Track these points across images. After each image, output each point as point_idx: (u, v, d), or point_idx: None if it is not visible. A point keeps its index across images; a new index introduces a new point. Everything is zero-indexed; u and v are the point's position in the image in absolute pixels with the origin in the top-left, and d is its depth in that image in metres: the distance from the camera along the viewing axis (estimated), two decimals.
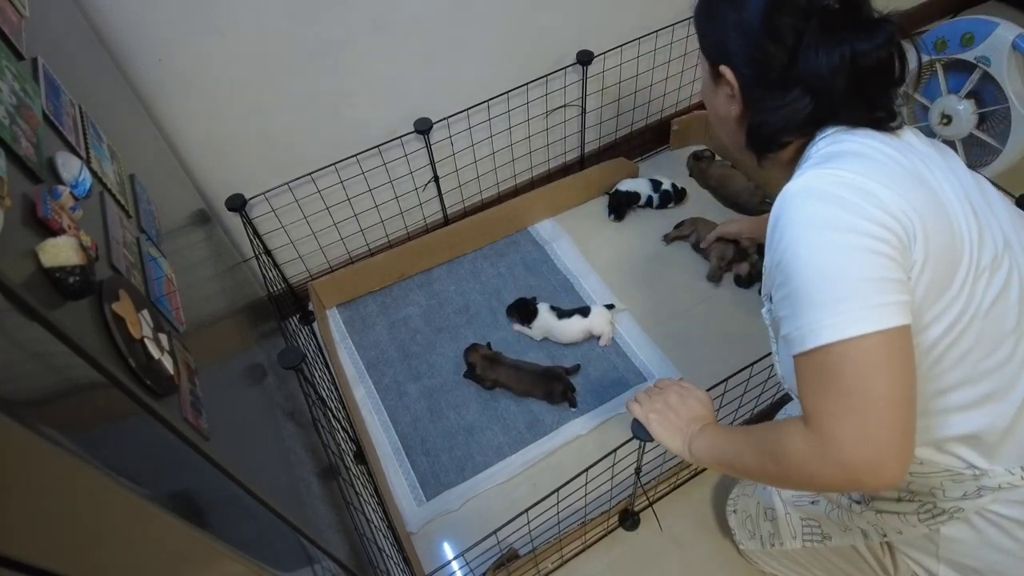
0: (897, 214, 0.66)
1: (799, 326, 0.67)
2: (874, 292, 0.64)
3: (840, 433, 0.65)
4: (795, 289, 0.67)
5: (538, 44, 1.63)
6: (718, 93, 0.83)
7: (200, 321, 0.90)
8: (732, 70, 0.79)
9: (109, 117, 0.92)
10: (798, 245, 0.67)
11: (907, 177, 0.69)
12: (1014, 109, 1.57)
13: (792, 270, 0.67)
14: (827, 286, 0.65)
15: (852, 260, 0.64)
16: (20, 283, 0.46)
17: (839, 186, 0.67)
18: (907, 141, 0.75)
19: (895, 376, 0.64)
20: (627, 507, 1.33)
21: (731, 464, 0.83)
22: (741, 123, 0.83)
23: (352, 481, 1.21)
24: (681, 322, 1.63)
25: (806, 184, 0.69)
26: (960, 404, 0.73)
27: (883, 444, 0.63)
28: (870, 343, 0.63)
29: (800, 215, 0.68)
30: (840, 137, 0.74)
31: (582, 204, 1.93)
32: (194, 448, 0.63)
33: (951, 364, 0.71)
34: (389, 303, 1.75)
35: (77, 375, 0.51)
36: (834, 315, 0.64)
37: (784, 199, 0.70)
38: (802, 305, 0.66)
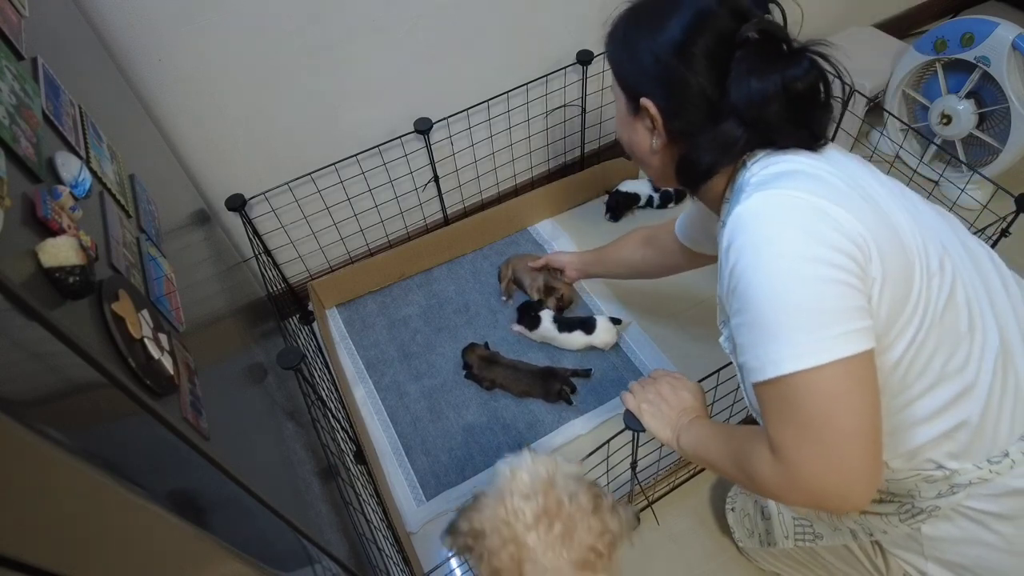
0: (852, 235, 0.65)
1: (757, 355, 0.66)
2: (834, 322, 0.63)
3: (804, 463, 0.65)
4: (753, 318, 0.66)
5: (538, 44, 1.63)
6: (637, 126, 0.82)
7: (200, 321, 0.90)
8: (653, 102, 0.78)
9: (109, 117, 0.92)
10: (753, 272, 0.66)
11: (852, 194, 0.69)
12: (1014, 109, 1.57)
13: (749, 298, 0.66)
14: (788, 316, 0.64)
15: (813, 290, 0.63)
16: (20, 283, 0.46)
17: (791, 209, 0.66)
18: (832, 156, 0.75)
19: (856, 404, 0.63)
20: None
21: (712, 466, 0.84)
22: (665, 156, 0.82)
23: (352, 481, 1.21)
24: (680, 322, 1.63)
25: (758, 207, 0.68)
26: (928, 412, 0.73)
27: (848, 472, 0.63)
28: (830, 373, 0.62)
29: (754, 240, 0.66)
30: (772, 159, 0.73)
31: (582, 204, 1.93)
32: (194, 448, 0.63)
33: (917, 374, 0.71)
34: (389, 303, 1.75)
35: (77, 375, 0.51)
36: (792, 345, 0.63)
37: (735, 222, 0.69)
38: (761, 334, 0.66)
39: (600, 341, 1.55)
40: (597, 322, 1.55)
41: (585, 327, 1.56)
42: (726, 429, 0.85)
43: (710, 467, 0.86)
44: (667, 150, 0.81)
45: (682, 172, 0.81)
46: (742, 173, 0.76)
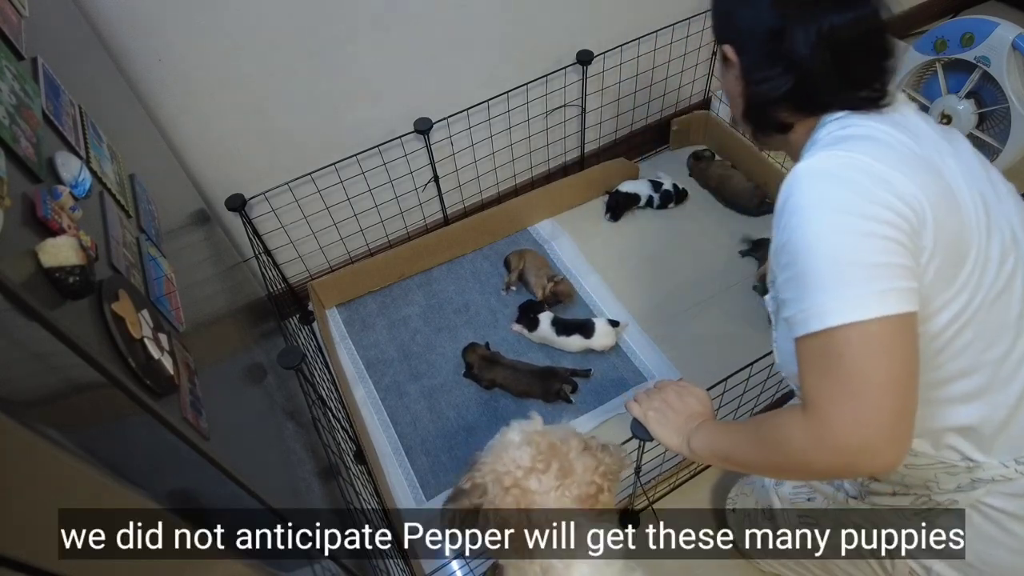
0: (908, 199, 0.65)
1: (803, 308, 0.66)
2: (881, 277, 0.63)
3: (838, 417, 0.64)
4: (801, 271, 0.66)
5: (538, 44, 1.63)
6: (727, 75, 0.83)
7: (200, 321, 0.90)
8: (733, 48, 0.79)
9: (109, 117, 0.92)
10: (806, 226, 0.66)
11: (918, 163, 0.69)
12: (1014, 109, 1.57)
13: (798, 251, 0.66)
14: (834, 269, 0.64)
15: (860, 244, 0.64)
16: (20, 283, 0.46)
17: (849, 168, 0.66)
18: (917, 127, 0.74)
19: (896, 362, 0.63)
20: (627, 506, 1.33)
21: (729, 457, 0.83)
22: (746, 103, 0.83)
23: (352, 481, 1.21)
24: (681, 322, 1.63)
25: (816, 165, 0.68)
26: (959, 395, 0.73)
27: (880, 429, 0.63)
28: (874, 328, 0.62)
29: (809, 196, 0.67)
30: (850, 121, 0.73)
31: (582, 204, 1.93)
32: (194, 448, 0.63)
33: (953, 354, 0.71)
34: (389, 303, 1.75)
35: (77, 375, 0.51)
36: (839, 299, 0.63)
37: (793, 179, 0.69)
38: (807, 287, 0.66)
39: (599, 344, 1.55)
40: (596, 326, 1.55)
41: (583, 331, 1.55)
42: (740, 421, 0.85)
43: (726, 460, 0.85)
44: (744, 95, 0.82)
45: (749, 117, 0.82)
46: (819, 129, 0.75)
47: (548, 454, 0.77)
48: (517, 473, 0.76)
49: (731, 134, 1.90)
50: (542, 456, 0.77)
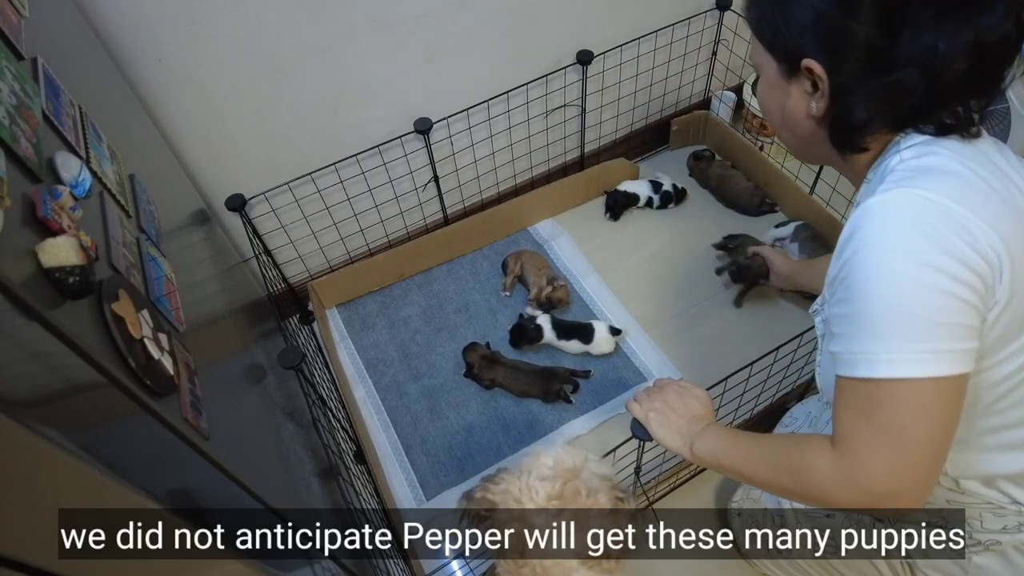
0: (986, 251, 0.61)
1: (852, 350, 0.64)
2: (941, 336, 0.61)
3: (871, 463, 0.64)
4: (858, 311, 0.64)
5: (538, 44, 1.63)
6: (792, 91, 0.75)
7: (200, 321, 0.90)
8: (817, 61, 0.70)
9: (109, 117, 0.92)
10: (870, 267, 0.63)
11: (1001, 206, 0.64)
12: (1014, 109, 1.57)
13: (859, 291, 0.64)
14: (893, 319, 0.62)
15: (927, 298, 0.61)
16: (20, 283, 0.46)
17: (929, 212, 0.62)
18: (996, 160, 0.69)
19: (939, 424, 0.62)
20: None
21: (738, 471, 0.82)
22: (823, 121, 0.75)
23: (352, 481, 1.21)
24: (681, 322, 1.63)
25: (893, 203, 0.64)
26: (1017, 442, 0.72)
27: (911, 480, 0.63)
28: (924, 388, 0.61)
29: (881, 235, 0.63)
30: (929, 148, 0.68)
31: (582, 204, 1.93)
32: (194, 448, 0.63)
33: (1014, 402, 0.69)
34: (389, 303, 1.75)
35: (77, 375, 0.51)
36: (893, 351, 0.61)
37: (867, 213, 0.65)
38: (862, 330, 0.64)
39: (597, 351, 1.55)
40: (595, 332, 1.54)
41: (582, 335, 1.55)
42: (749, 434, 0.83)
43: (732, 472, 0.84)
44: (827, 114, 0.74)
45: (838, 129, 0.74)
46: (892, 154, 0.70)
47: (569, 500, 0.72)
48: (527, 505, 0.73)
49: (731, 134, 1.90)
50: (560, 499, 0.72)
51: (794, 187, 1.74)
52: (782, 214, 1.81)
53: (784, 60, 0.74)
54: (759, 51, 0.77)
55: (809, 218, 1.70)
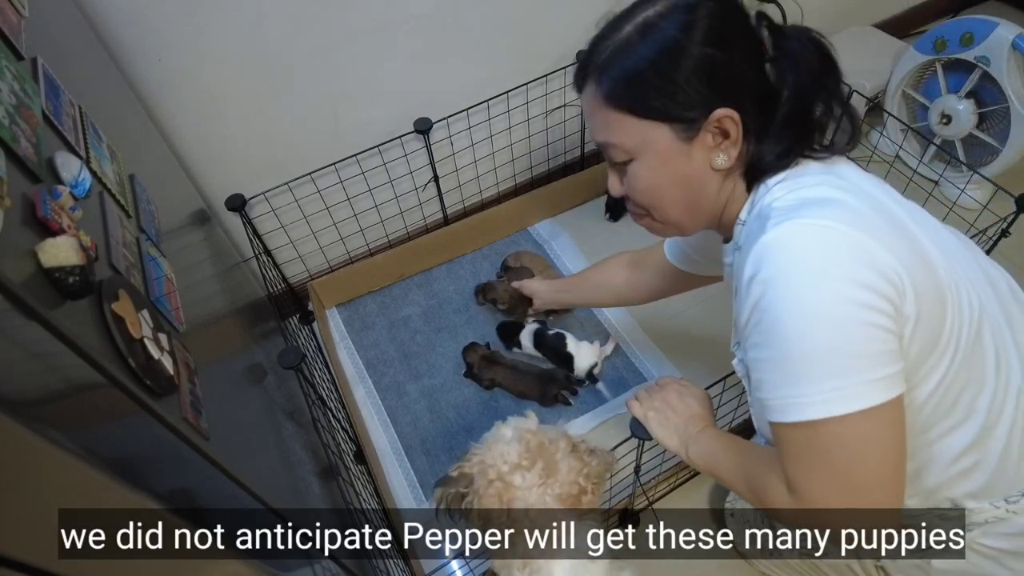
0: (889, 273, 0.61)
1: (781, 396, 0.63)
2: (867, 367, 0.60)
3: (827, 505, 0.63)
4: (778, 355, 0.63)
5: (538, 44, 1.63)
6: (692, 153, 0.71)
7: (200, 321, 0.90)
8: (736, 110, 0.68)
9: (109, 117, 0.92)
10: (784, 308, 0.61)
11: (886, 226, 0.65)
12: (1014, 109, 1.57)
13: (775, 335, 0.62)
14: (815, 358, 0.60)
15: (846, 333, 0.60)
16: (20, 283, 0.46)
17: (827, 243, 0.61)
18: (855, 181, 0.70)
19: (887, 451, 0.62)
20: (627, 507, 1.33)
21: (722, 480, 0.83)
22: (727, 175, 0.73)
23: (352, 481, 1.21)
24: (681, 322, 1.63)
25: (790, 238, 0.62)
26: (951, 451, 0.72)
27: (874, 515, 0.63)
28: (861, 420, 0.60)
29: (785, 274, 0.61)
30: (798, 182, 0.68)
31: (582, 204, 1.93)
32: (194, 448, 0.63)
33: (943, 413, 0.70)
34: (389, 303, 1.75)
35: (77, 375, 0.51)
36: (823, 391, 0.60)
37: (764, 252, 0.63)
38: (787, 374, 0.62)
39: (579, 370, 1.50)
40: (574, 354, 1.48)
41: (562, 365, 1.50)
42: (737, 444, 0.83)
43: (719, 480, 0.85)
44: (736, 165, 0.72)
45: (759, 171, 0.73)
46: (762, 194, 0.70)
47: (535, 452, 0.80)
48: (503, 467, 0.80)
49: None
50: (529, 454, 0.80)
51: None
52: None
53: (682, 121, 0.69)
54: (634, 129, 0.70)
55: None
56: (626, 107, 0.70)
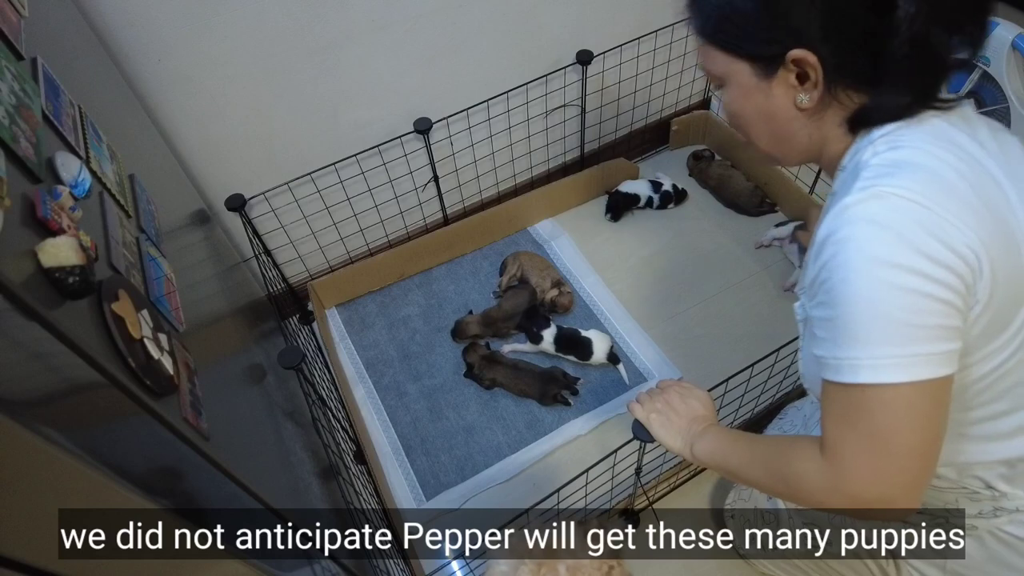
0: (963, 250, 0.60)
1: (837, 356, 0.64)
2: (922, 340, 0.60)
3: (858, 470, 0.63)
4: (840, 316, 0.63)
5: (538, 44, 1.63)
6: (773, 90, 0.72)
7: (200, 321, 0.90)
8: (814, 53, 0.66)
9: (109, 117, 0.92)
10: (850, 271, 0.62)
11: (975, 200, 0.63)
12: (1014, 109, 1.57)
13: (838, 295, 0.63)
14: (874, 324, 0.61)
15: (906, 302, 0.60)
16: (20, 283, 0.46)
17: (904, 213, 0.61)
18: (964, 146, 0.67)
19: (926, 428, 0.62)
20: (627, 506, 1.33)
21: (735, 473, 0.82)
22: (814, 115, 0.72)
23: (352, 481, 1.21)
24: (681, 322, 1.63)
25: (869, 205, 0.62)
26: (994, 434, 0.72)
27: (900, 485, 0.63)
28: (910, 392, 0.60)
29: (858, 239, 0.62)
30: (900, 138, 0.66)
31: (582, 204, 1.93)
32: (194, 448, 0.63)
33: (993, 397, 0.69)
34: (388, 303, 1.75)
35: (77, 375, 0.51)
36: (876, 356, 0.61)
37: (843, 214, 0.63)
38: (845, 336, 0.63)
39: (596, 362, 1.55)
40: (593, 352, 1.52)
41: (579, 353, 1.53)
42: (746, 436, 0.83)
43: (730, 475, 0.84)
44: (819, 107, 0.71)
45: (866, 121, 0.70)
46: (865, 144, 0.68)
47: None
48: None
49: (731, 134, 1.90)
50: None
51: (794, 187, 1.74)
52: (782, 214, 1.81)
53: (760, 59, 0.70)
54: (721, 60, 0.73)
55: (809, 219, 1.70)
56: (709, 39, 0.73)
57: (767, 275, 1.69)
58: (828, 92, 0.69)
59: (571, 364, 1.56)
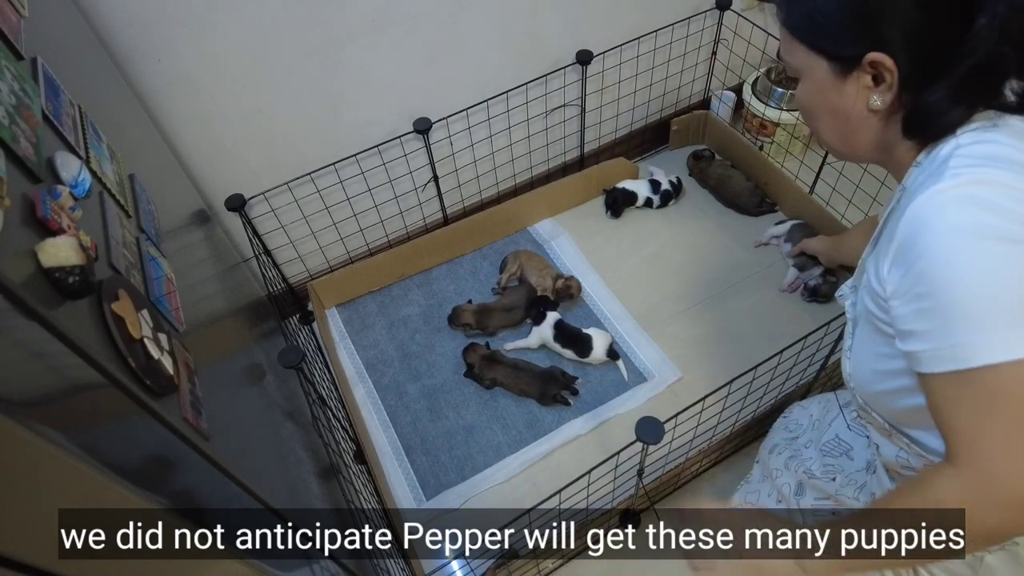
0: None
1: (952, 343, 0.60)
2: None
3: (1009, 467, 0.59)
4: (949, 301, 0.60)
5: (538, 44, 1.63)
6: (846, 89, 0.72)
7: (200, 321, 0.90)
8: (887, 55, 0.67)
9: (109, 117, 0.92)
10: (955, 255, 0.60)
11: None
12: None
13: (945, 281, 0.60)
14: (996, 300, 0.58)
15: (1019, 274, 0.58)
16: (20, 283, 0.46)
17: (999, 193, 0.60)
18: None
19: None
20: (628, 507, 1.33)
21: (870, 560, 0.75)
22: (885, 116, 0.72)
23: (352, 481, 1.21)
24: (681, 322, 1.63)
25: (960, 189, 0.62)
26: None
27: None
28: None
29: (957, 223, 0.60)
30: (987, 136, 0.66)
31: (582, 204, 1.93)
32: (194, 448, 0.63)
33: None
34: (388, 303, 1.75)
35: (77, 375, 0.51)
36: (1000, 332, 0.58)
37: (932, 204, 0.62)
38: (958, 320, 0.60)
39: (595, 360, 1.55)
40: (593, 350, 1.53)
41: (579, 348, 1.54)
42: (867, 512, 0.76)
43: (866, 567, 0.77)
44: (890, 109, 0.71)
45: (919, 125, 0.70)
46: (944, 143, 0.68)
47: None
48: None
49: (731, 134, 1.90)
50: None
51: (794, 187, 1.74)
52: (782, 214, 1.81)
53: (837, 58, 0.71)
54: (801, 54, 0.74)
55: (808, 218, 1.70)
56: (793, 33, 0.74)
57: (767, 275, 1.69)
58: (900, 97, 0.70)
59: (571, 363, 1.57)
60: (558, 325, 1.56)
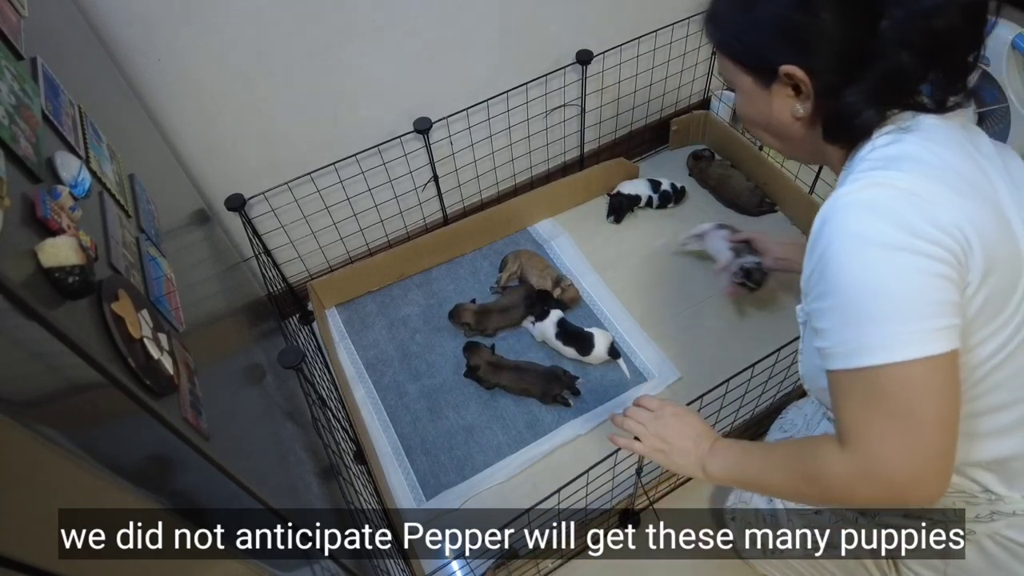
0: (951, 229, 0.62)
1: (843, 341, 0.64)
2: (930, 315, 0.61)
3: (886, 452, 0.63)
4: (841, 303, 0.64)
5: (538, 44, 1.63)
6: (773, 100, 0.76)
7: (200, 321, 0.90)
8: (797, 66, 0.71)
9: (109, 117, 0.92)
10: (847, 257, 0.64)
11: (967, 188, 0.66)
12: (1014, 109, 1.57)
13: (839, 283, 0.64)
14: (880, 304, 0.62)
15: (908, 280, 0.62)
16: (19, 283, 0.46)
17: (893, 198, 0.63)
18: (967, 145, 0.70)
19: (945, 401, 0.63)
20: (628, 506, 1.33)
21: (754, 483, 0.82)
22: (812, 121, 0.76)
23: (352, 481, 1.21)
24: (681, 322, 1.63)
25: (857, 194, 0.65)
26: (990, 430, 0.72)
27: (927, 463, 0.63)
28: (921, 368, 0.61)
29: (851, 227, 0.64)
30: (901, 136, 0.69)
31: (582, 204, 1.93)
32: (194, 448, 0.63)
33: (990, 388, 0.69)
34: (388, 303, 1.75)
35: (76, 375, 0.51)
36: (886, 336, 0.62)
37: (833, 206, 0.66)
38: (849, 321, 0.64)
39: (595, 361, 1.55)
40: (594, 349, 1.53)
41: (580, 346, 1.54)
42: (756, 444, 0.83)
43: (749, 485, 0.84)
44: (815, 113, 0.75)
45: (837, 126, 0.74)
46: (866, 144, 0.72)
47: None
48: None
49: (731, 134, 1.90)
50: None
51: (794, 187, 1.75)
52: (781, 213, 1.81)
53: (758, 71, 0.75)
54: (729, 68, 0.78)
55: (808, 218, 1.70)
56: (719, 49, 0.79)
57: None
58: (822, 103, 0.73)
59: (571, 363, 1.57)
60: (561, 323, 1.56)
